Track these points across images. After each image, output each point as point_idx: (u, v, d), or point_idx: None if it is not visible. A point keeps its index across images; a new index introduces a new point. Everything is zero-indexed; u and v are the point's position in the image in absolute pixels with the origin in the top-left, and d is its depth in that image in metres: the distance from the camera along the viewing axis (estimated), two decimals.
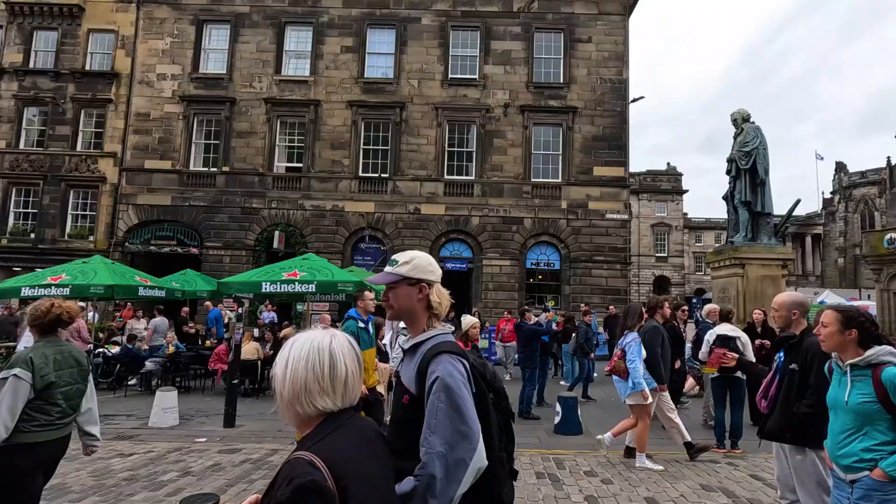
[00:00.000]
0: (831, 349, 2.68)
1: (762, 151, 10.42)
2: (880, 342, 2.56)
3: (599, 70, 19.49)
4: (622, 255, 19.16)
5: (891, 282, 21.36)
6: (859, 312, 2.65)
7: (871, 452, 2.42)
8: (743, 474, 5.50)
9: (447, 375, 1.55)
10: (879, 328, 2.60)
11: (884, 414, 2.43)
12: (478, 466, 1.51)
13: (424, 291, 1.78)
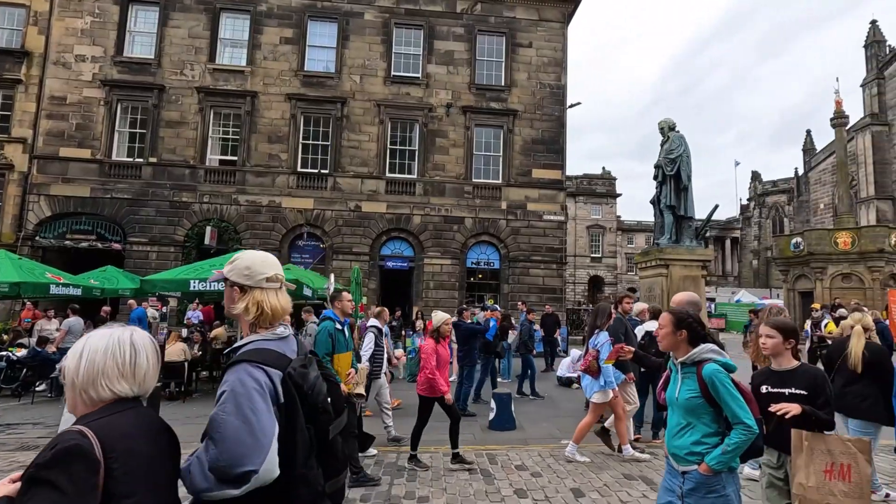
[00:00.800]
0: (666, 349, 2.84)
1: (686, 159, 11.05)
2: (706, 341, 2.73)
3: (539, 75, 20.03)
4: (558, 256, 19.79)
5: (796, 282, 23.38)
6: (689, 315, 2.78)
7: (699, 445, 2.57)
8: (662, 462, 5.83)
9: (237, 384, 1.47)
10: (706, 328, 2.80)
11: (707, 407, 2.58)
12: (262, 479, 1.41)
13: (236, 295, 1.70)
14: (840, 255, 21.34)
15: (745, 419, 2.49)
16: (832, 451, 2.86)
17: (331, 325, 5.21)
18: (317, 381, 1.62)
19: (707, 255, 11.47)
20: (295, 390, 1.55)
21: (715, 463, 2.50)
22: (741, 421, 2.49)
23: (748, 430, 2.48)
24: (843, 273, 21.33)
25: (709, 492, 2.51)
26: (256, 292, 1.69)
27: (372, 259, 18.73)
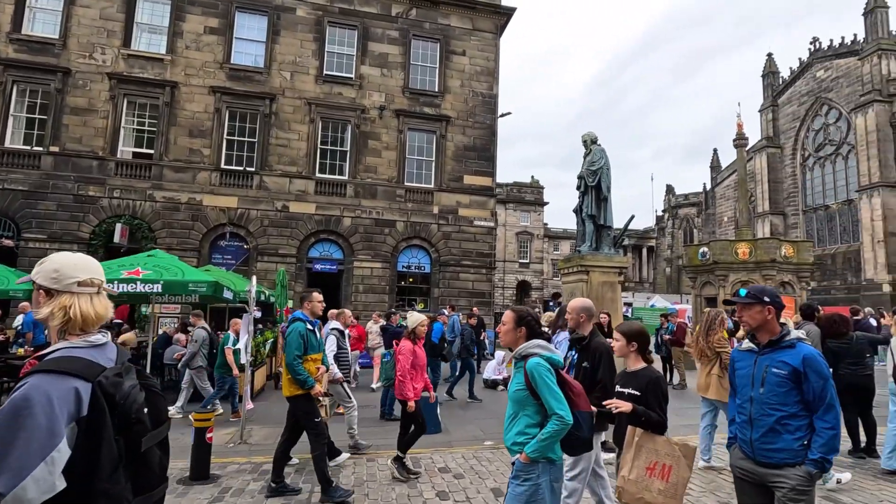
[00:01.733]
0: (507, 344, 2.98)
1: (606, 171, 11.70)
2: (541, 337, 2.89)
3: (472, 83, 20.42)
4: (488, 261, 20.21)
5: (703, 288, 25.32)
6: (528, 312, 2.94)
7: (522, 436, 2.70)
8: None
9: (20, 398, 1.36)
10: (542, 325, 3.01)
11: (531, 400, 2.70)
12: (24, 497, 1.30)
13: (42, 299, 1.60)
14: (740, 264, 23.36)
15: (559, 411, 2.59)
16: (658, 451, 3.02)
17: (301, 327, 5.08)
18: (132, 391, 1.53)
19: (624, 262, 12.17)
20: (105, 400, 1.45)
21: (531, 450, 2.60)
22: (555, 412, 2.59)
23: (561, 420, 2.59)
24: (742, 280, 23.32)
25: (524, 479, 2.62)
26: (64, 297, 1.58)
27: (299, 261, 18.21)
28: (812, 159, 39.88)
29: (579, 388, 2.82)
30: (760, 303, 2.76)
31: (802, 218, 40.00)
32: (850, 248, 35.64)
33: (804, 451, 2.60)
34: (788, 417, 2.65)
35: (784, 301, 13.06)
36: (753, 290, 2.85)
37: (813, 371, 2.62)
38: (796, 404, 2.66)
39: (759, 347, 2.82)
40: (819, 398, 2.61)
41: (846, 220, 36.81)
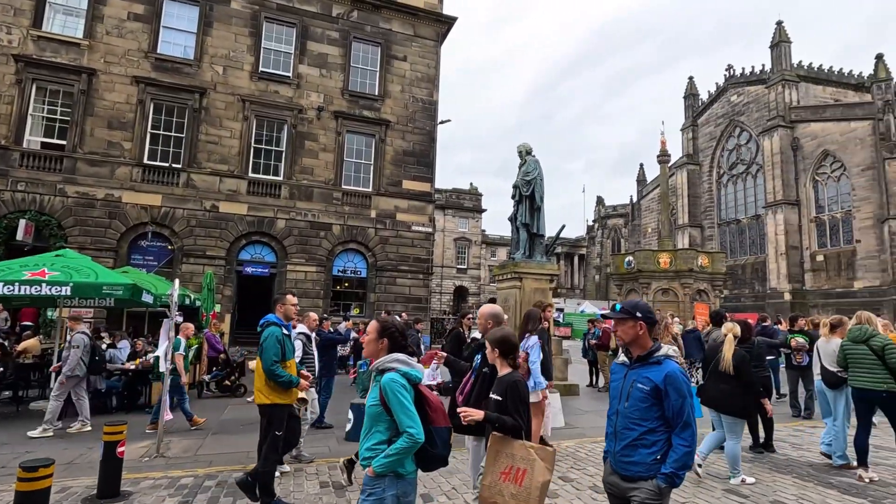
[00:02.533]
0: (368, 356, 2.95)
1: (540, 182, 12.11)
2: (404, 350, 2.83)
3: (412, 89, 20.49)
4: (425, 266, 20.27)
5: (628, 295, 26.69)
6: (392, 324, 2.91)
7: (370, 451, 2.65)
8: None
9: None
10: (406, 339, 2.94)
11: (384, 415, 2.64)
12: None
13: None
14: (661, 272, 24.87)
15: (409, 428, 2.56)
16: (514, 455, 3.03)
17: (278, 331, 4.90)
18: None
19: (555, 269, 12.62)
20: None
21: (377, 465, 2.57)
22: (405, 429, 2.56)
23: (411, 438, 2.55)
24: (663, 288, 24.90)
25: (370, 493, 2.60)
26: None
27: (228, 264, 17.43)
28: (726, 177, 43.21)
29: (437, 403, 2.79)
30: (633, 318, 2.77)
31: (717, 231, 43.19)
32: (758, 259, 38.88)
33: (657, 465, 2.61)
34: (648, 433, 2.66)
35: (699, 308, 14.15)
36: (626, 306, 2.88)
37: (673, 388, 2.63)
38: (656, 420, 2.66)
39: (630, 362, 2.84)
40: (677, 415, 2.61)
41: (755, 233, 40.15)
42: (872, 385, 5.63)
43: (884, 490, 5.35)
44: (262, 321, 5.03)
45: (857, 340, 5.88)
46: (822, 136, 34.96)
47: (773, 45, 38.50)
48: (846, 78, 39.28)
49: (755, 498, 5.07)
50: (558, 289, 61.50)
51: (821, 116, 35.58)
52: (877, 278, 31.08)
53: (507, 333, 3.54)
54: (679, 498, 5.07)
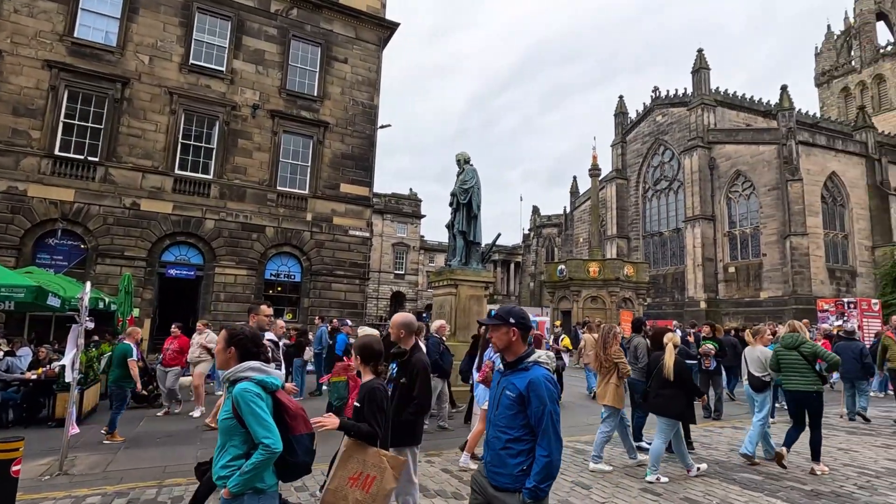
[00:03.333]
0: (220, 367, 2.80)
1: (477, 190, 12.32)
2: (257, 358, 2.68)
3: (353, 92, 20.26)
4: (362, 271, 20.02)
5: (560, 302, 27.67)
6: (241, 332, 2.75)
7: (227, 469, 2.48)
8: (436, 469, 6.29)
9: None
10: (259, 346, 2.76)
11: (239, 428, 2.49)
12: None
13: None
14: (591, 281, 25.99)
15: (265, 439, 2.42)
16: (366, 462, 3.00)
17: None
18: None
19: (490, 277, 12.87)
20: None
21: (233, 485, 2.41)
22: (261, 441, 2.42)
23: (268, 449, 2.41)
24: (592, 296, 26.01)
25: None
26: None
27: (150, 265, 16.40)
28: (651, 191, 45.89)
29: (296, 411, 2.65)
30: (506, 324, 2.71)
31: (642, 242, 45.72)
32: (678, 269, 41.51)
33: (523, 477, 2.52)
34: (513, 441, 2.58)
35: (624, 315, 14.93)
36: (501, 312, 2.81)
37: (535, 395, 2.54)
38: (522, 428, 2.58)
39: (503, 369, 2.79)
40: (537, 423, 2.53)
41: (675, 245, 42.85)
42: (805, 387, 6.24)
43: (777, 483, 5.86)
44: None
45: (790, 347, 6.41)
46: (735, 157, 37.98)
47: (694, 70, 41.44)
48: (756, 105, 42.93)
49: (667, 496, 5.39)
50: (495, 295, 62.64)
51: (734, 139, 38.66)
52: (779, 289, 34.06)
53: (369, 341, 3.52)
54: (598, 497, 5.31)
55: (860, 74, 61.04)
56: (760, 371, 6.78)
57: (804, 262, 33.31)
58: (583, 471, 6.25)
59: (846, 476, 6.20)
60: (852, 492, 5.60)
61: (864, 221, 36.33)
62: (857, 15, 63.37)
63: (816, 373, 6.28)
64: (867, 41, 61.62)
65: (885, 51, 59.92)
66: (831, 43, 65.43)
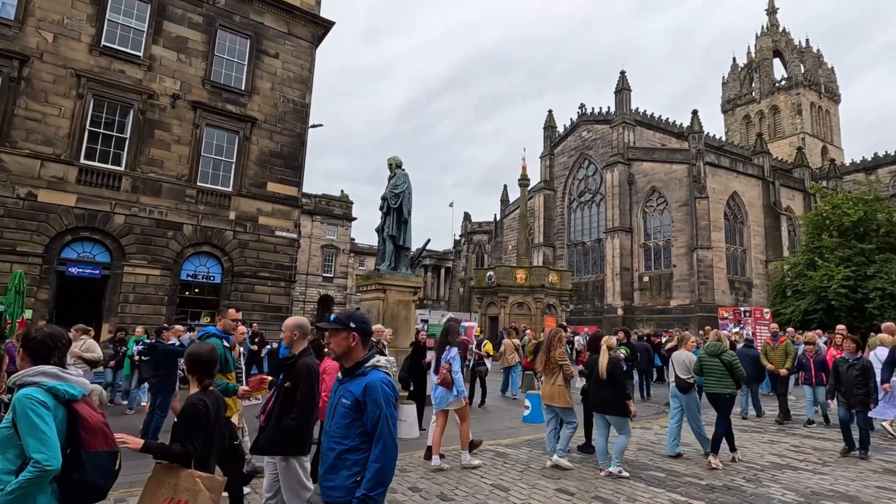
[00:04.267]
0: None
1: (408, 195, 12.35)
2: (48, 361, 2.43)
3: (284, 88, 19.64)
4: (288, 273, 19.38)
5: (488, 307, 28.25)
6: (34, 332, 2.53)
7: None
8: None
9: None
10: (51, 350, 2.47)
11: (15, 440, 2.21)
12: None
13: None
14: (518, 287, 26.76)
15: (37, 454, 2.14)
16: (178, 486, 2.73)
17: (219, 343, 4.76)
18: None
19: (419, 282, 12.91)
20: None
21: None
22: (32, 456, 2.14)
23: (38, 466, 2.13)
24: (519, 302, 26.80)
25: None
26: None
27: (47, 262, 14.94)
28: (576, 203, 48.09)
29: (95, 424, 2.39)
30: (346, 329, 2.59)
31: (567, 251, 47.75)
32: (598, 278, 43.72)
33: (357, 488, 2.38)
34: (349, 451, 2.44)
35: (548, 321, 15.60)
36: (340, 316, 2.69)
37: (371, 399, 2.44)
38: (358, 437, 2.45)
39: (341, 376, 2.66)
40: (373, 428, 2.41)
41: (596, 255, 45.13)
42: (721, 390, 7.11)
43: (678, 480, 6.33)
44: (202, 333, 4.99)
45: (712, 354, 7.23)
46: (651, 174, 40.69)
47: (617, 91, 44.02)
48: (671, 126, 46.29)
49: (580, 495, 5.66)
50: (425, 300, 62.79)
51: (651, 157, 41.43)
52: (687, 298, 36.80)
53: (198, 350, 3.26)
54: (516, 499, 5.47)
55: (759, 104, 67.54)
56: (685, 374, 7.46)
57: (708, 273, 36.23)
58: (503, 473, 6.41)
59: (737, 470, 6.80)
60: (741, 485, 6.15)
61: (759, 238, 40.14)
62: (758, 51, 70.23)
63: (733, 378, 7.15)
64: (765, 75, 68.38)
65: (780, 85, 66.74)
66: (736, 74, 71.97)
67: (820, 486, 6.13)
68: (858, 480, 6.37)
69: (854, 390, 7.31)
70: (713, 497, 5.67)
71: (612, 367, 6.48)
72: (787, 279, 29.83)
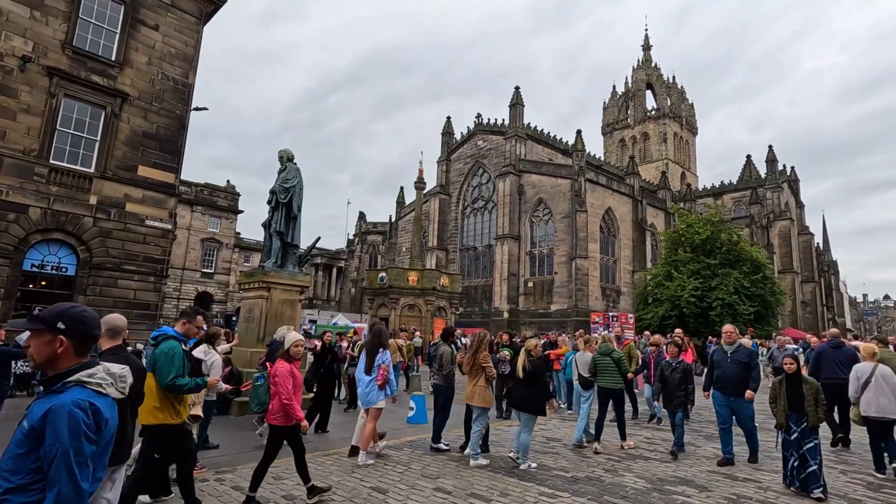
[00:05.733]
0: None
1: (299, 191, 11.88)
2: None
3: (163, 64, 17.91)
4: (159, 268, 17.66)
5: (378, 309, 28.06)
6: None
7: None
8: (226, 487, 5.81)
9: None
10: None
11: None
12: None
13: None
14: (409, 289, 26.93)
15: None
16: None
17: (179, 347, 4.60)
18: None
19: (305, 281, 12.46)
20: None
21: None
22: None
23: None
24: (410, 304, 26.97)
25: None
26: None
27: None
28: (469, 209, 49.63)
29: None
30: (50, 330, 1.98)
31: (459, 255, 49.07)
32: (487, 282, 45.48)
33: None
34: (14, 491, 1.79)
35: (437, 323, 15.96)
36: (45, 314, 2.03)
37: (51, 428, 1.80)
38: (31, 473, 1.81)
39: (42, 390, 2.02)
40: (47, 466, 1.78)
41: (486, 260, 46.92)
42: (612, 385, 8.19)
43: (546, 474, 6.76)
44: (157, 333, 4.76)
45: (604, 354, 8.34)
46: (539, 186, 43.29)
47: (511, 104, 46.25)
48: (558, 143, 49.64)
49: (457, 493, 5.82)
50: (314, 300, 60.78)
51: (539, 171, 44.08)
52: (566, 303, 39.63)
53: None
54: (394, 500, 5.48)
55: (633, 130, 74.92)
56: (588, 372, 8.52)
57: (585, 280, 39.35)
58: (383, 475, 6.39)
59: (598, 462, 7.44)
60: (601, 475, 6.73)
61: (628, 250, 44.44)
62: (634, 82, 78.00)
63: (621, 374, 8.29)
64: (639, 104, 76.09)
65: (650, 114, 74.62)
66: (615, 100, 79.21)
67: (665, 473, 6.91)
68: (695, 467, 7.29)
69: (676, 392, 7.89)
70: (576, 488, 6.15)
71: (532, 368, 7.07)
72: (648, 288, 33.37)
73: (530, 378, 7.02)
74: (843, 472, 7.23)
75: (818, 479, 5.91)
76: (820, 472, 5.97)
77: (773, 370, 10.02)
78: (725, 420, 7.44)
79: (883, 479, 6.85)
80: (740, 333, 10.51)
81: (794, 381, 6.29)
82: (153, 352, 4.54)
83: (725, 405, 7.42)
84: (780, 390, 6.37)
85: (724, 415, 7.45)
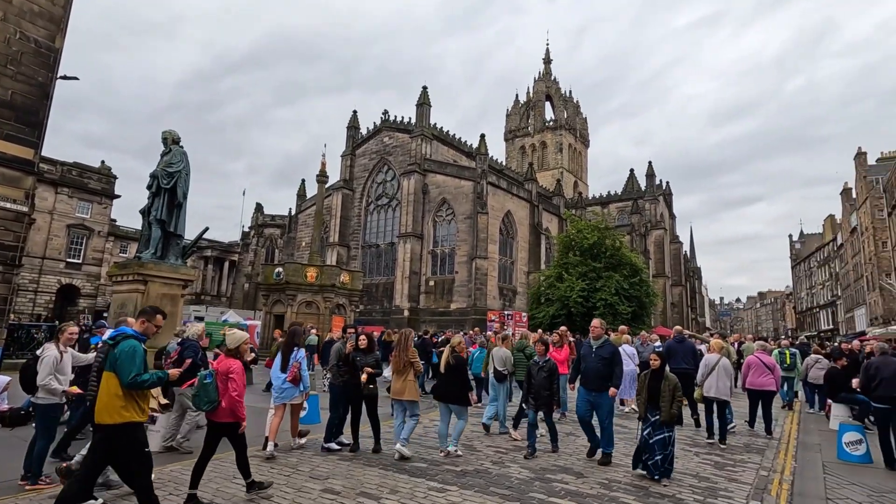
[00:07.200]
0: None
1: (185, 176, 10.97)
2: None
3: (22, 23, 15.62)
4: (10, 255, 15.38)
5: (273, 306, 26.79)
6: None
7: None
8: None
9: None
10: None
11: None
12: None
13: None
14: (307, 286, 26.01)
15: None
16: None
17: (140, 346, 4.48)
18: None
19: (190, 275, 11.56)
20: None
21: None
22: None
23: None
24: (308, 301, 26.05)
25: None
26: None
27: None
28: (373, 206, 49.09)
29: None
30: None
31: (361, 252, 48.34)
32: (389, 280, 45.30)
33: None
34: None
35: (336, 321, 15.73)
36: None
37: None
38: None
39: None
40: None
41: (389, 258, 46.72)
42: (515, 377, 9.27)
43: (437, 468, 6.88)
44: (115, 333, 4.66)
45: (519, 350, 9.63)
46: (443, 186, 43.95)
47: (418, 104, 46.45)
48: (462, 145, 50.75)
49: (346, 493, 5.71)
50: (203, 295, 56.56)
51: (443, 171, 44.75)
52: (465, 302, 40.64)
53: None
54: (279, 501, 5.27)
55: (532, 138, 78.76)
56: (502, 366, 9.28)
57: (484, 280, 40.65)
58: (268, 479, 6.10)
59: (486, 455, 7.71)
60: (489, 468, 6.98)
61: (525, 252, 46.64)
62: (535, 92, 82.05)
63: None
64: (539, 114, 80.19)
65: (549, 125, 78.97)
66: (517, 109, 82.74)
67: (548, 463, 7.34)
68: (574, 457, 7.83)
69: (541, 391, 7.62)
70: (464, 481, 6.32)
71: (455, 363, 7.60)
72: (542, 288, 35.33)
73: (454, 372, 7.60)
74: (696, 454, 8.18)
75: (661, 468, 6.44)
76: (663, 463, 6.46)
77: (638, 365, 11.01)
78: (584, 415, 7.46)
79: (723, 451, 7.95)
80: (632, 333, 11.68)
81: (656, 375, 6.94)
82: (113, 351, 4.42)
83: (586, 400, 7.44)
84: (644, 384, 7.00)
85: (583, 409, 7.45)
